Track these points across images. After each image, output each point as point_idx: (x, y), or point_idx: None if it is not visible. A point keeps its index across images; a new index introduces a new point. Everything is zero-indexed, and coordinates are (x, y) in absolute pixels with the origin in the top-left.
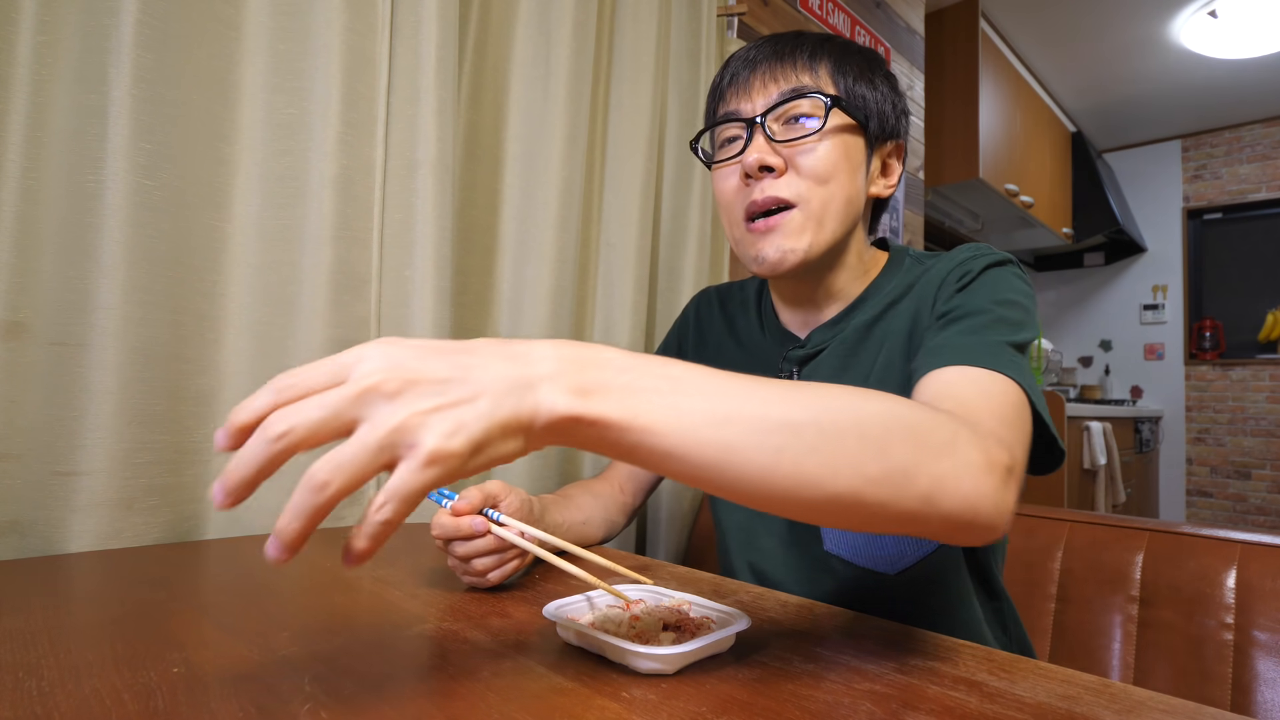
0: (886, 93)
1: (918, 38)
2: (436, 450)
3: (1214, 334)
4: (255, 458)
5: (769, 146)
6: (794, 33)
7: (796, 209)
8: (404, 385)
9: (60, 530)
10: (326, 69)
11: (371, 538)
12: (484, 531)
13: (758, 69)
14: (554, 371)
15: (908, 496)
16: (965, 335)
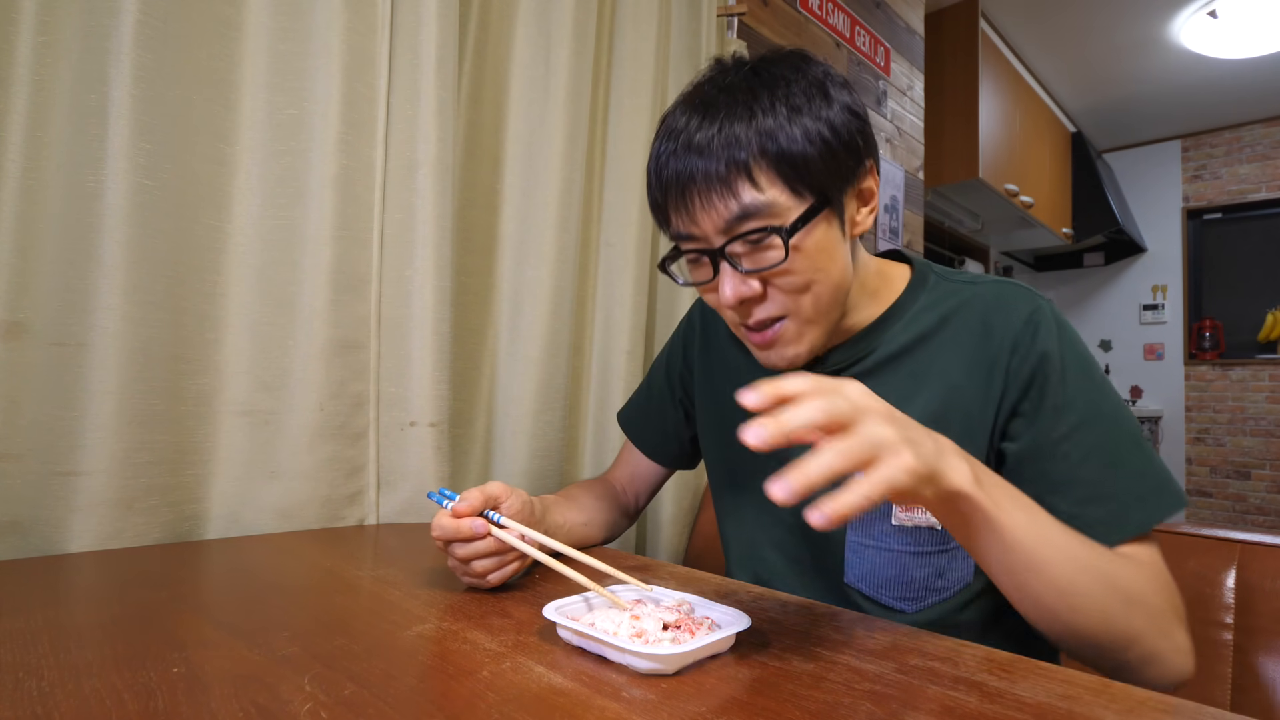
0: (838, 126)
1: (918, 38)
2: (913, 465)
3: (1214, 334)
4: (800, 414)
5: (739, 279)
6: (715, 97)
7: (789, 319)
8: (893, 419)
9: (60, 530)
10: (326, 69)
11: (849, 506)
12: (484, 534)
13: (692, 192)
14: (967, 463)
15: (1127, 654)
16: (1133, 479)
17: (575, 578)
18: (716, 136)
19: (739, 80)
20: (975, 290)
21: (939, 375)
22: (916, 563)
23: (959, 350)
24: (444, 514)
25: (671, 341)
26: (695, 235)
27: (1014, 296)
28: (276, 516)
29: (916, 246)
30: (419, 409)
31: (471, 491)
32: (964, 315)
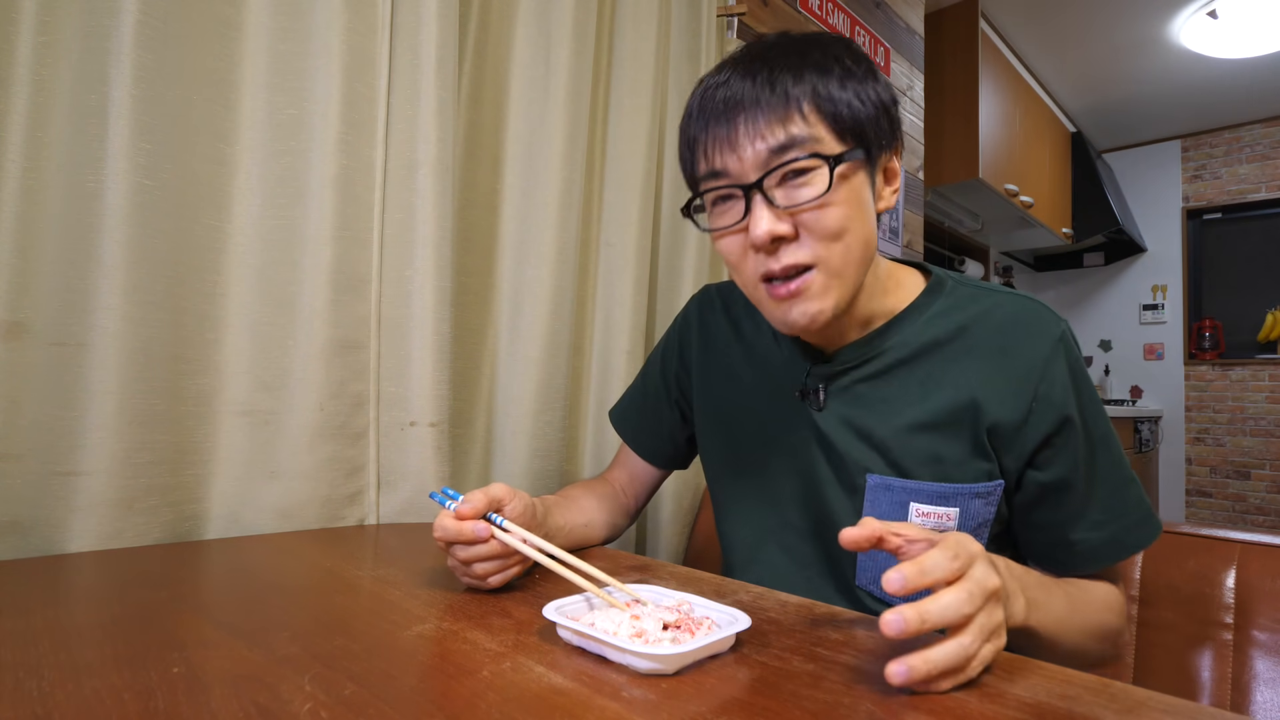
0: (877, 96)
1: (918, 38)
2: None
3: (1213, 334)
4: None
5: (775, 215)
6: (763, 54)
7: (817, 270)
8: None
9: (60, 530)
10: (326, 69)
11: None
12: (487, 537)
13: (739, 117)
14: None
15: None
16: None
17: (578, 582)
18: (769, 75)
19: (788, 41)
20: (995, 301)
21: (951, 385)
22: None
23: (975, 363)
24: (446, 515)
25: (666, 340)
26: (729, 171)
27: (1037, 316)
28: (276, 516)
29: (916, 246)
30: (419, 409)
31: (475, 494)
32: (982, 327)
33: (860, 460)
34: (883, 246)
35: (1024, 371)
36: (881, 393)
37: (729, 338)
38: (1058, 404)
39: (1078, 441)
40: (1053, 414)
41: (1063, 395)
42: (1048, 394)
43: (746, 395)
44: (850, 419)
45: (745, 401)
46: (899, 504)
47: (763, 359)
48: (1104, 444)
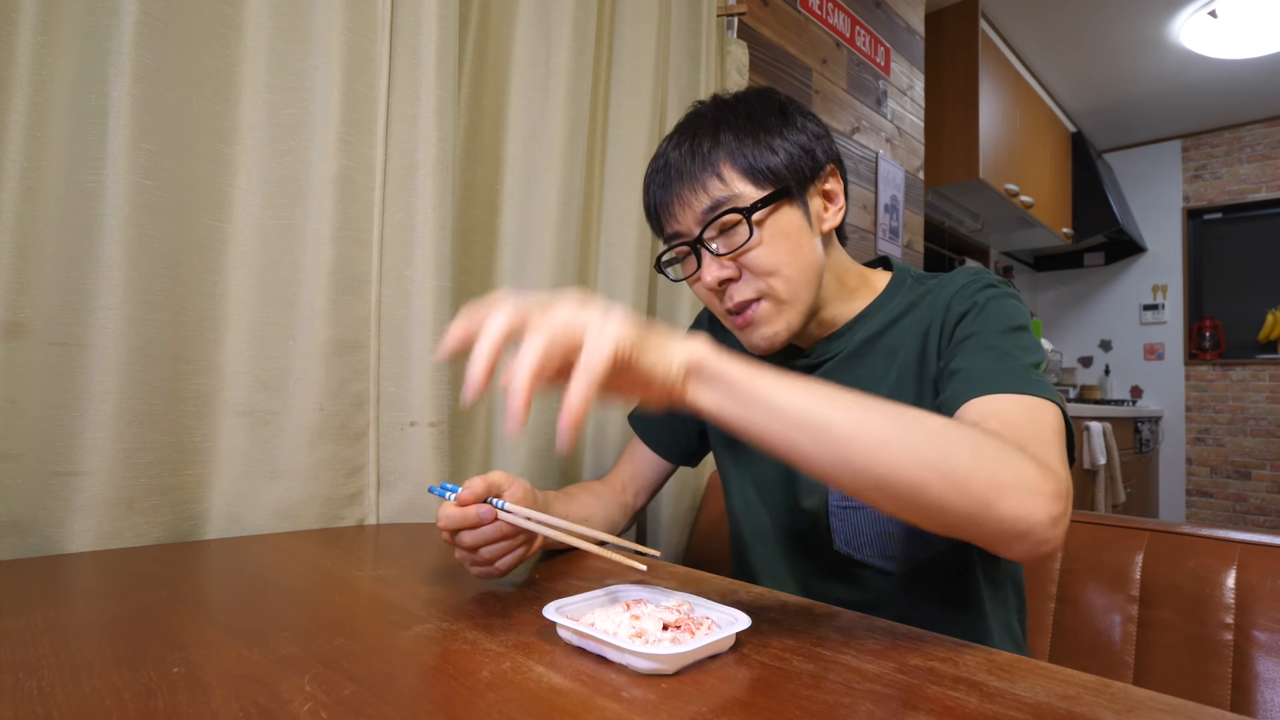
0: (793, 141)
1: (918, 38)
2: (619, 328)
3: (1214, 334)
4: (492, 329)
5: (717, 263)
6: (688, 130)
7: (764, 300)
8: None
9: (60, 530)
10: (326, 69)
11: (577, 397)
12: (491, 518)
13: (671, 194)
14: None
15: (966, 495)
16: (993, 362)
17: (588, 548)
18: (690, 149)
19: (709, 109)
20: (939, 279)
21: (905, 349)
22: (889, 517)
23: (921, 326)
24: (449, 504)
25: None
26: (680, 232)
27: (962, 273)
28: (276, 516)
29: (916, 246)
30: (419, 409)
31: (474, 480)
32: (926, 299)
33: None
34: (883, 246)
35: (934, 315)
36: (854, 374)
37: (733, 338)
38: (952, 324)
39: (961, 337)
40: (947, 334)
41: (960, 314)
42: (948, 323)
43: None
44: None
45: None
46: None
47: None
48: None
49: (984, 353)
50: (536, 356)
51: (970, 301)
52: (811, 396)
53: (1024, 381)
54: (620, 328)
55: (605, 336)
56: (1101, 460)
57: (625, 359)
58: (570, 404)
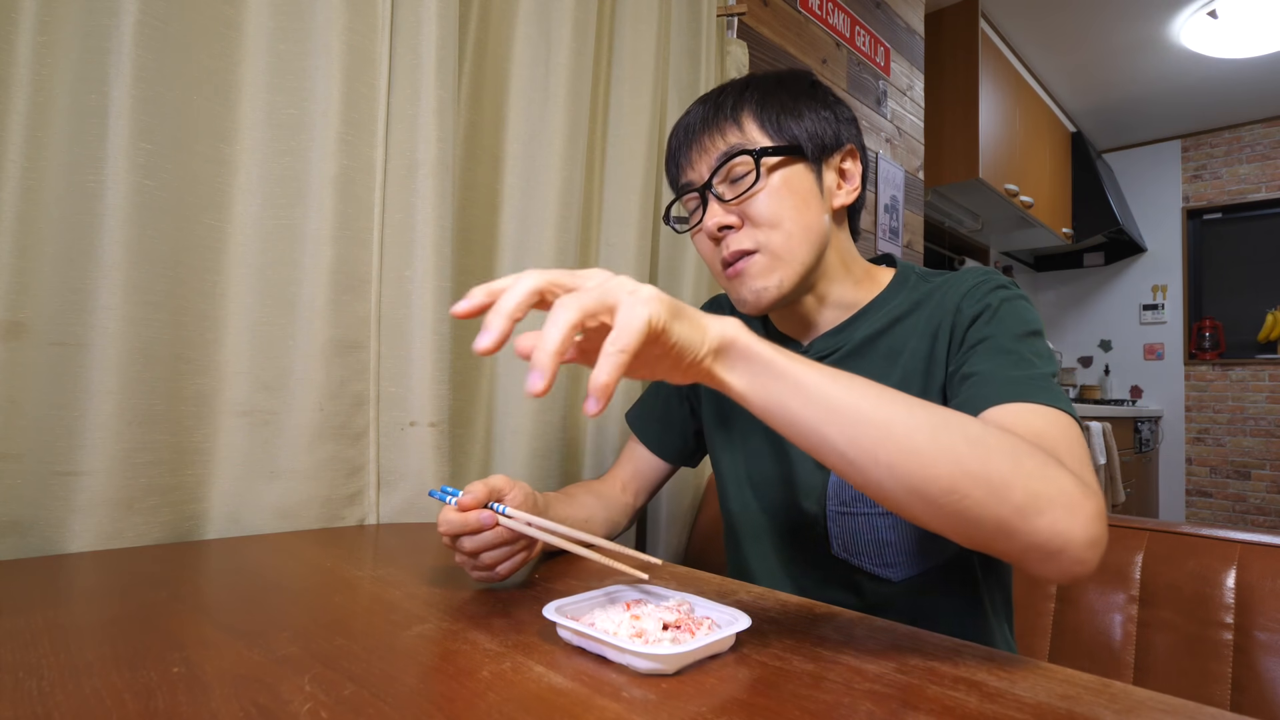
0: (818, 113)
1: (918, 38)
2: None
3: (1214, 334)
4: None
5: (721, 208)
6: (720, 87)
7: (759, 253)
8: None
9: (60, 530)
10: (326, 69)
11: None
12: (492, 524)
13: (691, 140)
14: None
15: (1004, 504)
16: (1012, 368)
17: (589, 555)
18: (716, 103)
19: (739, 81)
20: (945, 278)
21: (910, 350)
22: (886, 524)
23: (926, 326)
24: (449, 509)
25: None
26: (693, 181)
27: (970, 273)
28: (276, 516)
29: (916, 246)
30: (419, 409)
31: (475, 484)
32: (933, 298)
33: None
34: (883, 246)
35: (945, 313)
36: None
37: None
38: (965, 324)
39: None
40: (959, 335)
41: (972, 315)
42: (959, 323)
43: None
44: None
45: None
46: None
47: None
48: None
49: (1001, 357)
50: (568, 321)
51: (982, 304)
52: (846, 384)
53: (1046, 392)
54: (653, 300)
55: (639, 307)
56: (1101, 460)
57: (656, 332)
58: (601, 376)
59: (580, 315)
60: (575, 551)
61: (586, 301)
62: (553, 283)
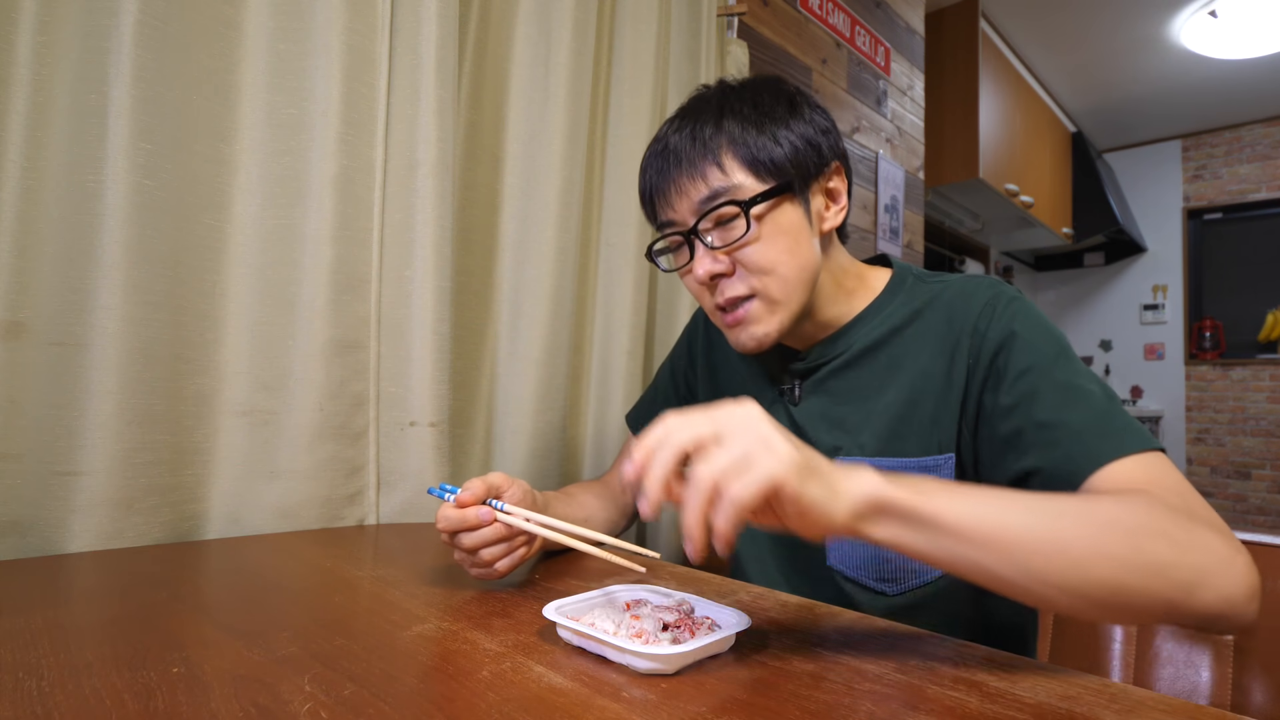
0: (800, 133)
1: (918, 38)
2: (784, 459)
3: (1214, 334)
4: (663, 458)
5: (711, 256)
6: (692, 114)
7: (756, 299)
8: (760, 428)
9: (60, 530)
10: (326, 69)
11: (723, 527)
12: (490, 520)
13: (670, 178)
14: (873, 472)
15: (1168, 586)
16: (1089, 414)
17: (588, 550)
18: (691, 134)
19: (714, 93)
20: (945, 284)
21: (910, 365)
22: None
23: (927, 340)
24: (448, 506)
25: (677, 345)
26: (674, 221)
27: (976, 285)
28: (276, 516)
29: (916, 246)
30: (419, 409)
31: (473, 481)
32: (934, 308)
33: (832, 445)
34: (883, 246)
35: (958, 334)
36: (850, 382)
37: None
38: (989, 353)
39: (1016, 374)
40: (983, 364)
41: (997, 343)
42: (979, 348)
43: (737, 391)
44: (824, 410)
45: (737, 395)
46: None
47: (751, 358)
48: (1056, 370)
49: (1060, 396)
50: (700, 501)
51: (1005, 328)
52: (991, 510)
53: (1130, 432)
54: (785, 459)
55: (768, 464)
56: None
57: (785, 493)
58: (718, 524)
59: (710, 496)
60: (574, 546)
61: (718, 475)
62: (698, 439)
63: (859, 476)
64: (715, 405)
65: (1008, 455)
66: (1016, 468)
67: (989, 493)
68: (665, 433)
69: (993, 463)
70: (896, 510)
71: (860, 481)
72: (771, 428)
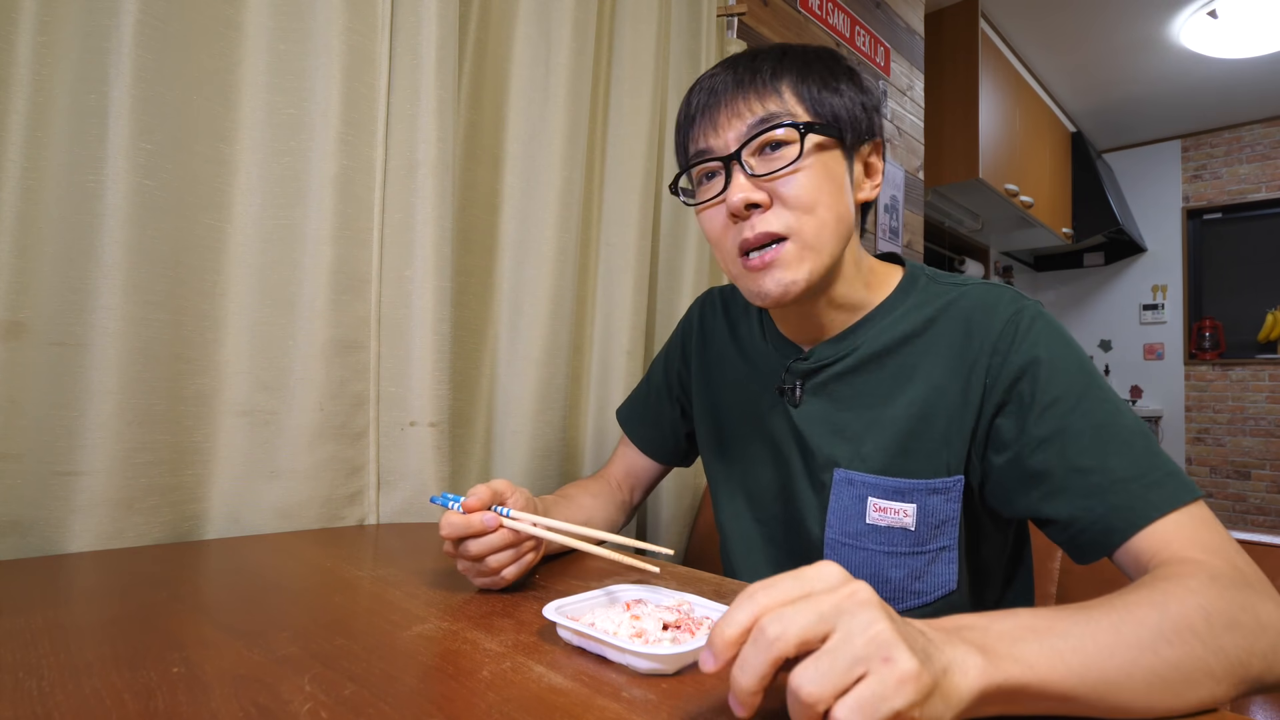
0: (855, 95)
1: (918, 38)
2: (910, 670)
3: (1214, 334)
4: (757, 665)
5: (751, 183)
6: (750, 53)
7: (790, 240)
8: (880, 612)
9: (60, 530)
10: (326, 69)
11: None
12: (496, 526)
13: (721, 101)
14: (973, 648)
15: (1245, 682)
16: (1128, 459)
17: (598, 551)
18: (751, 66)
19: (775, 47)
20: (962, 292)
21: (923, 376)
22: (891, 563)
23: (942, 352)
24: (453, 512)
25: (671, 340)
26: (713, 149)
27: (997, 299)
28: (276, 516)
29: (916, 246)
30: (419, 409)
31: (478, 487)
32: (949, 316)
33: (831, 455)
34: (883, 246)
35: (976, 352)
36: (855, 388)
37: (726, 337)
38: (1009, 376)
39: (1044, 406)
40: (1001, 387)
41: (1019, 367)
42: (999, 370)
43: (736, 390)
44: (825, 415)
45: (734, 396)
46: (858, 498)
47: (751, 356)
48: (1091, 406)
49: (1099, 437)
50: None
51: (1028, 354)
52: (1093, 661)
53: (1177, 483)
54: (903, 694)
55: (900, 689)
56: None
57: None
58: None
59: (829, 696)
60: (583, 549)
61: (836, 678)
62: (804, 640)
63: (965, 671)
64: (809, 573)
65: (1031, 492)
66: (1045, 511)
67: (1080, 627)
68: (761, 625)
69: (1007, 495)
70: (1003, 693)
71: (968, 678)
72: (890, 624)
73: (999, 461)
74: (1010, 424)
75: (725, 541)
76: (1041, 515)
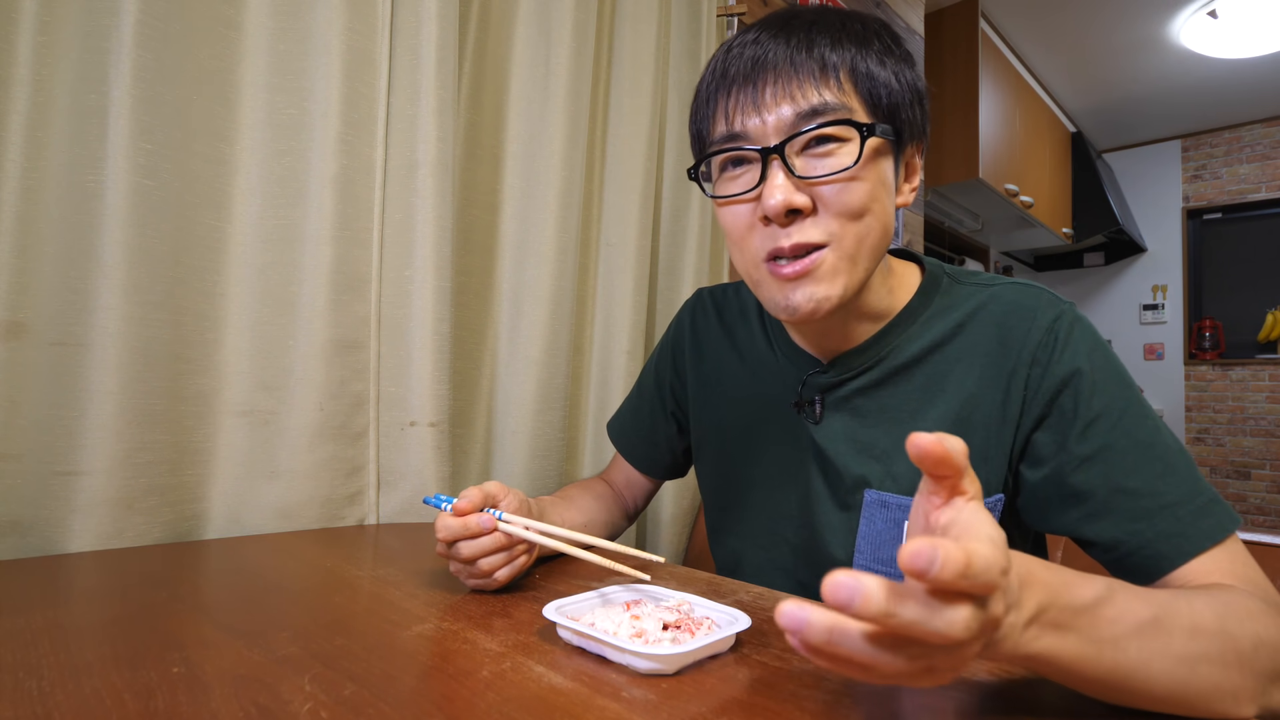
0: (912, 82)
1: (918, 38)
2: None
3: (1214, 334)
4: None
5: (793, 184)
6: (799, 14)
7: (829, 249)
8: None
9: (60, 530)
10: (326, 69)
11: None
12: (490, 528)
13: (768, 75)
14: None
15: (1271, 703)
16: (1175, 488)
17: (589, 558)
18: (805, 38)
19: (826, 10)
20: (991, 293)
21: (954, 386)
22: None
23: (975, 359)
24: (446, 515)
25: (660, 349)
26: (749, 134)
27: (1033, 303)
28: (276, 516)
29: (916, 246)
30: (419, 409)
31: (470, 490)
32: (980, 321)
33: (860, 475)
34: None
35: (1015, 361)
36: (881, 402)
37: (723, 345)
38: (1051, 389)
39: (1086, 422)
40: (1042, 399)
41: (1061, 379)
42: (1039, 382)
43: (740, 406)
44: (850, 432)
45: (739, 413)
46: (894, 522)
47: (757, 367)
48: (1134, 424)
49: (1145, 458)
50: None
51: (1070, 364)
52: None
53: (1223, 512)
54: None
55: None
56: None
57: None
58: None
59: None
60: (574, 554)
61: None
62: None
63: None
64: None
65: (1070, 511)
66: (1087, 533)
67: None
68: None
69: (1042, 512)
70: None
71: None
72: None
73: (1034, 477)
74: (1049, 438)
75: (727, 569)
76: (1083, 536)
